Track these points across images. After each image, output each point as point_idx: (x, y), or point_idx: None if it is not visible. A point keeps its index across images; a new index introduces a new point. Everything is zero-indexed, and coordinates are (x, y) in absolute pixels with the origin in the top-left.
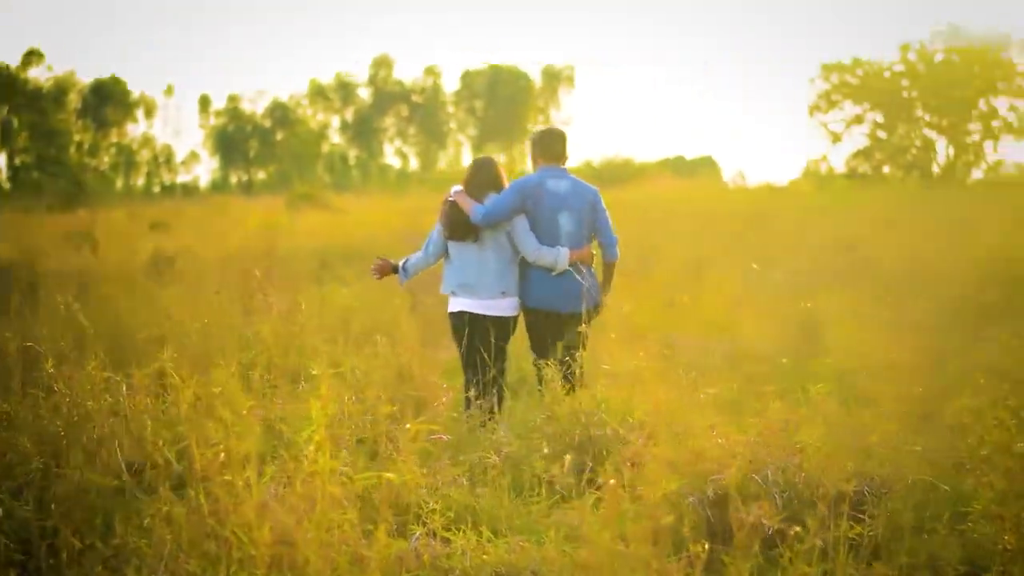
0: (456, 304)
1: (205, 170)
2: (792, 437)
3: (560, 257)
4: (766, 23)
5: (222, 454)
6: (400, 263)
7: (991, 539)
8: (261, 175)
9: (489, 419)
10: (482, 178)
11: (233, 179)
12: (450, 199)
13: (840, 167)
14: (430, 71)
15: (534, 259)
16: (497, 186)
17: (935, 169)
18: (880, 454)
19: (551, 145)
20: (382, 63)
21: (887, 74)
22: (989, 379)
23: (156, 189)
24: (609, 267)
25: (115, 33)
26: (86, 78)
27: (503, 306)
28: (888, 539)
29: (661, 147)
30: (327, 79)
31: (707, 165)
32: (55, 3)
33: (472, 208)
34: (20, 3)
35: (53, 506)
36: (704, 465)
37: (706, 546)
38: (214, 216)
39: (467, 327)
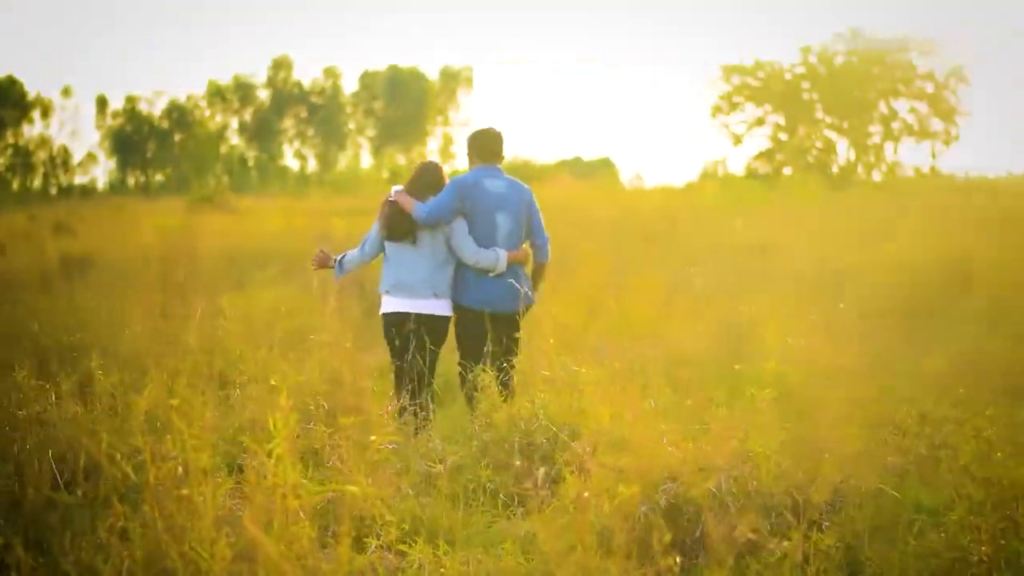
0: (389, 304)
1: (102, 171)
2: (742, 444)
3: (500, 259)
4: (657, 25)
5: (179, 468)
6: (337, 258)
7: (964, 550)
8: (159, 177)
9: (424, 426)
10: (425, 180)
11: (131, 181)
12: (391, 199)
13: (739, 169)
14: (329, 72)
15: (474, 262)
16: (438, 188)
17: (835, 170)
18: (833, 461)
19: (488, 145)
20: (281, 64)
21: (788, 76)
22: (938, 385)
23: (53, 191)
24: (541, 267)
25: (10, 33)
26: None
27: (436, 306)
28: (853, 549)
29: (558, 148)
30: (225, 80)
31: (605, 167)
32: None
33: (414, 207)
34: None
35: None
36: (654, 474)
37: (677, 559)
38: (116, 218)
39: (399, 327)
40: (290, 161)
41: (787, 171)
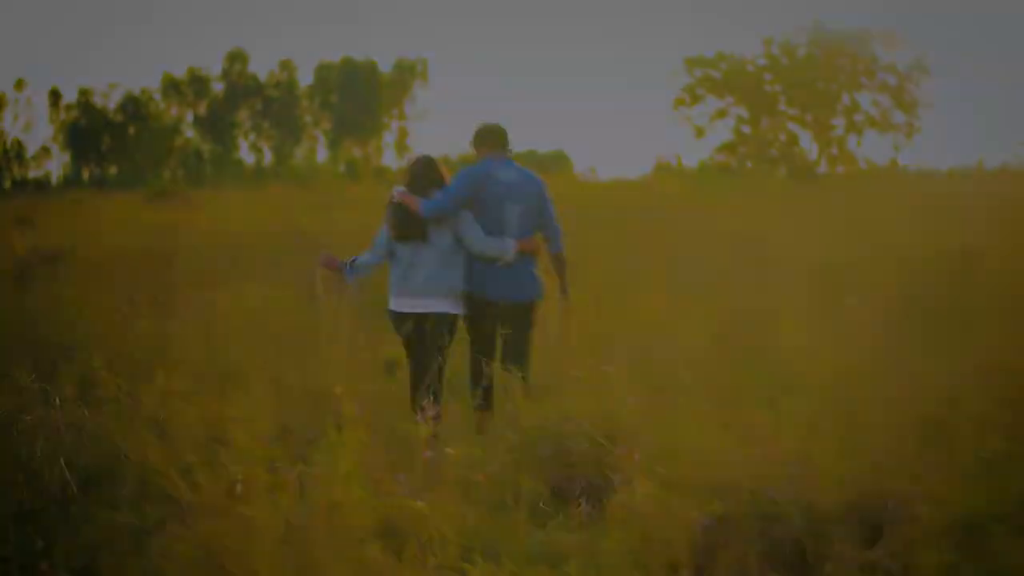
0: (399, 304)
1: (56, 165)
2: (800, 451)
3: (507, 248)
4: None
5: (238, 484)
6: (347, 261)
7: None
8: (113, 170)
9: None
10: (424, 175)
11: (85, 174)
12: (395, 200)
13: (694, 162)
14: (285, 65)
15: (480, 250)
16: (440, 182)
17: (799, 163)
18: (896, 469)
19: (496, 134)
20: (236, 57)
21: (750, 68)
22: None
23: (7, 184)
24: (559, 259)
25: None
26: None
27: (446, 304)
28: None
29: (513, 142)
30: (180, 73)
31: (559, 160)
32: None
33: (421, 204)
34: None
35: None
36: (713, 484)
37: None
38: (77, 213)
39: (411, 326)
40: (245, 154)
41: (748, 164)
